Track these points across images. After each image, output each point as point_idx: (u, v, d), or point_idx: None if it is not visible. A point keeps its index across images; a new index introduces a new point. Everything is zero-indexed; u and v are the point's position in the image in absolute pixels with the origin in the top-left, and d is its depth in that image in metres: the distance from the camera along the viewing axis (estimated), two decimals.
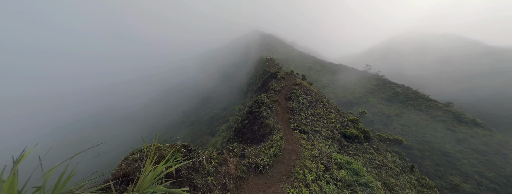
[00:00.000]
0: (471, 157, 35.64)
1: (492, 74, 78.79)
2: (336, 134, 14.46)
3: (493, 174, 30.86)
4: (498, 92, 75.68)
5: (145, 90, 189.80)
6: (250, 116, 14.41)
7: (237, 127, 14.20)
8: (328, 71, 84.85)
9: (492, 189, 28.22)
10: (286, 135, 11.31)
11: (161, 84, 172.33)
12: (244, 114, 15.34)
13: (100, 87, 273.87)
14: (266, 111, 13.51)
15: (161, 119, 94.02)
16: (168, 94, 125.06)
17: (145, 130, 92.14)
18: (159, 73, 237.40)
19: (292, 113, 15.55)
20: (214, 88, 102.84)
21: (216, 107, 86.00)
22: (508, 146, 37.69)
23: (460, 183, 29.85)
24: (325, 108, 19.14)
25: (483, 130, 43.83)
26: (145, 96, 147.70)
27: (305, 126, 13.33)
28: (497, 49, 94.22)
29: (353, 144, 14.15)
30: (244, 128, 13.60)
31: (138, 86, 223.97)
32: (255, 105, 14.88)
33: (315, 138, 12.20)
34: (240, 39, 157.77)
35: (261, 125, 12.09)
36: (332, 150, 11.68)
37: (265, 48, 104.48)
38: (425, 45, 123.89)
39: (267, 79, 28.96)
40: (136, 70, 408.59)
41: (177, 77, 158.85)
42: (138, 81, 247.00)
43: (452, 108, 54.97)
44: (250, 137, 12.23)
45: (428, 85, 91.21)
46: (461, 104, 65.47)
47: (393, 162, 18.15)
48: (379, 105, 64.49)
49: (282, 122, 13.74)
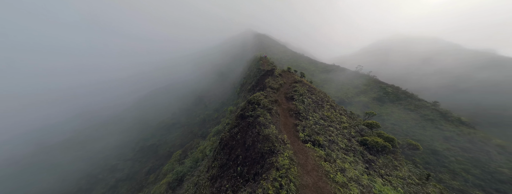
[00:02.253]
0: (458, 154, 34.99)
1: (471, 75, 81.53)
2: (355, 144, 10.65)
3: (479, 170, 30.56)
4: (478, 92, 77.41)
5: (131, 89, 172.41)
6: (241, 122, 10.08)
7: (223, 138, 9.85)
8: (321, 71, 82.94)
9: (478, 186, 28.17)
10: (296, 153, 7.19)
11: (149, 83, 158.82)
12: (234, 119, 10.99)
13: (80, 86, 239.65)
14: (264, 115, 9.29)
15: (148, 121, 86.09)
16: (157, 95, 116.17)
17: (131, 133, 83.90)
18: (146, 71, 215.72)
19: (298, 116, 11.54)
20: (207, 88, 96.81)
21: (208, 108, 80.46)
22: (491, 143, 37.56)
23: (449, 180, 29.25)
24: (333, 109, 15.35)
25: (468, 128, 43.51)
26: (131, 96, 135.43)
27: (317, 135, 9.35)
28: (475, 52, 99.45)
29: (378, 157, 10.44)
30: (233, 139, 9.26)
31: (123, 85, 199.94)
32: (249, 106, 10.60)
33: (334, 153, 8.24)
34: (234, 38, 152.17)
35: (258, 136, 7.84)
36: (360, 171, 7.81)
37: (259, 47, 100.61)
38: (411, 47, 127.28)
39: (263, 77, 24.78)
40: (121, 68, 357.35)
41: (166, 76, 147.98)
42: (124, 80, 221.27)
43: (439, 107, 54.69)
44: (241, 155, 7.94)
45: (415, 85, 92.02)
46: (447, 103, 65.55)
47: (409, 172, 14.79)
48: (371, 105, 63.22)
49: (286, 130, 9.69)
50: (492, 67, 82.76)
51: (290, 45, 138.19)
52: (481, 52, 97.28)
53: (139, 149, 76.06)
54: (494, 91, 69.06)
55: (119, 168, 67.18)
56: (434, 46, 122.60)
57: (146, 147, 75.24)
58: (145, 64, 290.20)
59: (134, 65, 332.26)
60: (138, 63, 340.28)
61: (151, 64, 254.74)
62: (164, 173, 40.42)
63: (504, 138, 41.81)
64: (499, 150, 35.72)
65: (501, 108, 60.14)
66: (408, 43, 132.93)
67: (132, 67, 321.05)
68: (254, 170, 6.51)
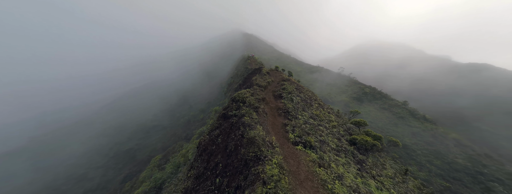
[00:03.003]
0: (423, 148, 39.03)
1: (433, 78, 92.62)
2: (345, 144, 10.08)
3: (440, 161, 34.50)
4: (438, 92, 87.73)
5: (103, 87, 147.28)
6: (224, 122, 8.58)
7: (202, 142, 8.21)
8: (307, 72, 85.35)
9: (439, 175, 31.81)
10: (287, 158, 6.05)
11: (125, 81, 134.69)
12: (216, 120, 9.43)
13: (30, 81, 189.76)
14: (249, 115, 7.97)
15: (125, 124, 77.44)
16: (134, 94, 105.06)
17: (104, 137, 74.46)
18: (121, 68, 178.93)
19: (287, 115, 10.53)
20: (192, 87, 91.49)
21: (194, 108, 76.03)
22: (449, 137, 42.90)
23: (416, 172, 32.26)
24: (321, 108, 14.85)
25: (431, 125, 49.00)
26: (102, 96, 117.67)
27: (308, 135, 8.43)
28: (435, 57, 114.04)
29: (367, 156, 10.05)
30: (213, 143, 7.72)
31: (92, 83, 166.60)
32: (233, 105, 9.16)
33: (326, 155, 7.36)
34: (222, 36, 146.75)
35: (242, 139, 6.49)
36: (353, 173, 7.09)
37: (247, 47, 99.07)
38: (384, 52, 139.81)
39: (250, 75, 23.49)
40: (90, 62, 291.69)
41: (146, 73, 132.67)
42: (94, 77, 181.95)
43: (408, 106, 60.46)
44: (222, 162, 6.48)
45: (388, 86, 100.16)
46: (414, 103, 72.70)
47: (391, 167, 15.10)
48: (351, 104, 66.94)
49: (274, 131, 8.56)
50: (449, 71, 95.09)
51: (278, 46, 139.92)
52: (439, 58, 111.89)
53: (114, 155, 67.91)
54: (450, 92, 79.04)
55: (89, 177, 58.81)
56: (404, 52, 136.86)
57: (122, 153, 67.53)
58: (121, 59, 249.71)
59: (107, 59, 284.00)
60: (112, 57, 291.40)
61: (127, 60, 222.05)
62: (142, 181, 36.19)
63: (459, 133, 47.85)
64: (455, 143, 40.49)
65: (453, 106, 68.86)
66: (382, 48, 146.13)
67: (106, 61, 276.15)
68: (236, 182, 5.15)
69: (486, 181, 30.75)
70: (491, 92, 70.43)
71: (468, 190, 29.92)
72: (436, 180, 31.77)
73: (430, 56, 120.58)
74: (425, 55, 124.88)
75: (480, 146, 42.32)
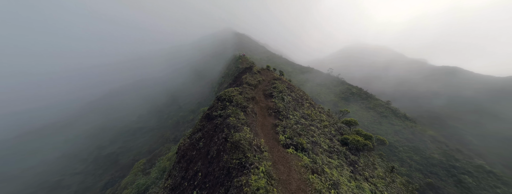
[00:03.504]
0: (404, 145, 41.42)
1: (412, 79, 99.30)
2: (336, 144, 9.63)
3: (418, 157, 36.88)
4: (418, 94, 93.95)
5: (79, 86, 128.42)
6: (207, 124, 7.55)
7: (181, 147, 7.08)
8: (298, 73, 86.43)
9: (418, 169, 34.03)
10: (276, 164, 5.26)
11: (106, 79, 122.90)
12: (199, 121, 8.34)
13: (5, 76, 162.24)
14: (236, 115, 7.05)
15: (107, 126, 71.49)
16: (118, 94, 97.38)
17: (82, 141, 68.07)
18: (104, 64, 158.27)
19: (277, 115, 9.80)
20: (182, 87, 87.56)
21: (183, 109, 72.76)
22: (426, 134, 46.09)
23: (398, 167, 34.14)
24: (312, 107, 14.42)
25: (411, 123, 52.24)
26: (78, 95, 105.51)
27: (300, 137, 7.77)
28: (414, 61, 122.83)
29: (359, 156, 9.70)
30: (194, 148, 6.65)
31: (68, 81, 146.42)
32: (218, 104, 8.16)
33: (319, 158, 6.74)
34: (213, 35, 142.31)
35: (225, 144, 5.55)
36: (346, 177, 6.56)
37: (239, 46, 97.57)
38: (369, 55, 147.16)
39: (240, 74, 22.53)
40: (63, 56, 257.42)
41: (131, 71, 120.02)
42: (72, 73, 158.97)
43: (390, 105, 63.90)
44: (202, 171, 5.48)
45: (373, 87, 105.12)
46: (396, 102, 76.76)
47: (379, 165, 15.21)
48: (339, 104, 68.98)
49: (263, 132, 7.76)
50: (426, 74, 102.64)
51: (269, 47, 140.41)
52: (417, 61, 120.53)
53: (93, 159, 62.40)
54: (427, 93, 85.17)
55: (64, 185, 53.20)
56: (387, 55, 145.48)
57: (103, 157, 62.29)
58: (103, 54, 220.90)
59: (87, 53, 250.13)
60: (93, 51, 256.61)
61: (110, 55, 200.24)
62: (124, 187, 33.26)
63: (434, 130, 51.50)
64: (431, 139, 43.35)
65: (429, 106, 74.16)
66: (368, 51, 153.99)
67: (85, 55, 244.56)
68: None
69: (458, 174, 33.18)
70: (461, 93, 77.18)
71: (443, 183, 32.09)
72: (416, 174, 33.79)
73: (410, 59, 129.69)
74: (405, 58, 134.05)
75: (453, 142, 45.76)
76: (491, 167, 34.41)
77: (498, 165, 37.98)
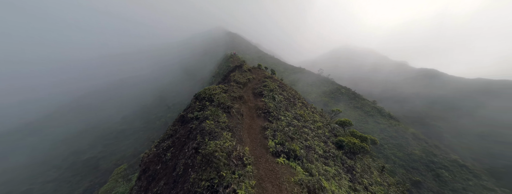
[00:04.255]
0: (389, 142, 43.12)
1: (395, 80, 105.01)
2: (331, 147, 8.62)
3: (402, 153, 38.56)
4: (400, 94, 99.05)
5: (50, 83, 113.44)
6: (181, 129, 5.97)
7: (144, 158, 5.44)
8: (290, 73, 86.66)
9: (402, 166, 35.59)
10: (263, 180, 3.92)
11: (85, 76, 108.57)
12: (171, 125, 6.71)
13: None
14: (215, 117, 5.57)
15: (85, 128, 65.04)
16: (98, 93, 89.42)
17: (57, 145, 61.20)
18: (80, 59, 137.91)
19: (267, 116, 8.52)
20: (170, 87, 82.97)
21: (172, 109, 68.85)
22: (408, 132, 48.52)
23: (384, 164, 35.45)
24: (305, 107, 13.41)
25: (395, 121, 54.70)
26: (51, 91, 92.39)
27: (292, 141, 6.57)
28: (396, 63, 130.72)
29: (355, 159, 8.80)
30: (160, 161, 5.04)
31: (40, 75, 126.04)
32: (196, 104, 6.60)
33: (314, 166, 5.57)
34: (204, 34, 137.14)
35: (195, 157, 4.08)
36: (345, 187, 5.51)
37: (231, 46, 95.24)
38: (356, 57, 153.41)
39: (230, 72, 20.95)
40: (30, 49, 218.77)
41: (114, 68, 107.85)
42: (40, 67, 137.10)
43: (376, 105, 66.51)
44: (164, 193, 3.95)
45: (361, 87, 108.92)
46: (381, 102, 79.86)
47: (369, 165, 14.73)
48: (329, 104, 70.27)
49: (250, 138, 6.43)
50: (407, 75, 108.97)
51: (262, 47, 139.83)
52: (400, 63, 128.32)
53: (69, 165, 56.47)
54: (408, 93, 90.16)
55: None
56: (373, 57, 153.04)
57: (81, 162, 56.66)
58: (81, 46, 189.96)
59: (57, 44, 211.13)
60: (68, 42, 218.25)
61: (91, 48, 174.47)
62: None
63: (415, 128, 54.36)
64: (413, 136, 45.50)
65: (410, 105, 78.46)
66: (356, 53, 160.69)
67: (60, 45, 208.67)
68: None
69: (436, 168, 34.95)
70: (437, 93, 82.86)
71: (423, 177, 33.56)
72: (399, 170, 35.04)
73: (393, 61, 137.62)
74: (389, 61, 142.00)
75: (431, 139, 48.42)
76: (464, 161, 36.80)
77: (469, 159, 40.83)
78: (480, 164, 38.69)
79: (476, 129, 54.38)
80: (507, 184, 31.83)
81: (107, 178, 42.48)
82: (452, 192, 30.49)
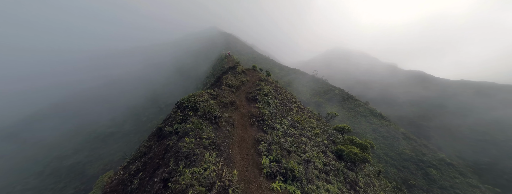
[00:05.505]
0: (381, 142, 43.78)
1: (386, 81, 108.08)
2: (332, 159, 7.75)
3: (393, 153, 39.15)
4: (391, 95, 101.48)
5: (38, 85, 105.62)
6: (155, 146, 4.79)
7: (108, 184, 4.19)
8: (284, 74, 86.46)
9: (393, 165, 36.11)
10: None
11: (71, 80, 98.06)
12: (145, 140, 5.48)
13: None
14: (196, 132, 4.43)
15: (70, 131, 60.65)
16: (85, 95, 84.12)
17: (37, 151, 56.60)
18: (68, 61, 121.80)
19: (261, 125, 7.50)
20: (162, 88, 79.84)
21: (164, 111, 66.16)
22: (398, 132, 49.62)
23: (376, 163, 35.67)
24: (301, 111, 12.52)
25: (386, 121, 55.82)
26: (32, 96, 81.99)
27: (289, 155, 5.58)
28: (386, 65, 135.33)
29: (356, 171, 8.00)
30: (125, 190, 3.89)
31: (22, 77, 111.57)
32: (177, 115, 5.43)
33: (314, 187, 4.65)
34: (198, 34, 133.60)
35: (164, 193, 2.96)
36: None
37: (226, 46, 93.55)
38: (348, 58, 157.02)
39: (223, 74, 19.76)
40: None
41: (102, 67, 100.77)
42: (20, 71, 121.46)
43: (369, 106, 67.67)
44: None
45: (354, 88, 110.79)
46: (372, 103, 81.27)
47: (375, 179, 14.20)
48: (324, 105, 70.64)
49: (241, 153, 5.35)
50: (396, 77, 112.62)
51: (257, 48, 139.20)
52: (389, 65, 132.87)
53: (52, 171, 52.45)
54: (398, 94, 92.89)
55: None
56: (364, 59, 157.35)
57: (65, 168, 52.81)
58: (70, 49, 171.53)
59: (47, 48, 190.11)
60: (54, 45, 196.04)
61: (77, 51, 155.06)
62: None
63: (404, 127, 55.72)
64: (403, 136, 46.49)
65: (400, 105, 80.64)
66: (347, 55, 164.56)
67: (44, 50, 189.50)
68: None
69: (425, 167, 35.65)
70: (424, 94, 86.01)
71: (414, 176, 34.08)
72: (391, 169, 35.42)
73: (383, 63, 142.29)
74: (379, 63, 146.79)
75: (420, 138, 49.68)
76: (450, 159, 37.86)
77: (454, 157, 42.19)
78: (464, 162, 40.08)
79: (460, 128, 56.65)
80: (489, 180, 33.07)
81: (93, 184, 39.58)
82: (441, 190, 31.06)
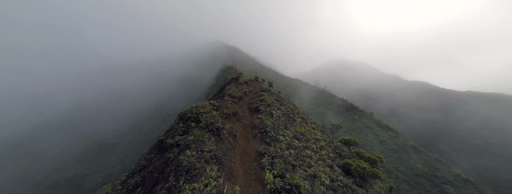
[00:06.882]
0: (390, 155, 40.96)
1: (390, 92, 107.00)
2: (339, 173, 7.22)
3: (404, 168, 36.13)
4: (395, 105, 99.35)
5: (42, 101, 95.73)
6: (156, 159, 4.65)
7: None
8: (286, 85, 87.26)
9: (405, 181, 32.92)
10: None
11: (75, 93, 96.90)
12: (146, 153, 5.36)
13: None
14: (198, 144, 4.33)
15: (71, 143, 60.14)
16: (88, 107, 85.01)
17: (37, 162, 55.56)
18: (68, 72, 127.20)
19: (264, 137, 7.28)
20: (166, 98, 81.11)
21: (167, 122, 66.01)
22: (408, 145, 46.81)
23: (387, 178, 32.56)
24: (305, 123, 12.21)
25: (393, 133, 53.23)
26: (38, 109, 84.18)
27: (294, 169, 5.23)
28: (389, 76, 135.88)
29: (366, 188, 7.36)
30: None
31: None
32: (179, 126, 5.39)
33: None
34: (203, 47, 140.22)
35: None
36: None
37: (228, 59, 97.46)
38: (350, 69, 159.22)
39: (226, 85, 20.14)
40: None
41: (105, 81, 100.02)
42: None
43: (374, 117, 65.65)
44: None
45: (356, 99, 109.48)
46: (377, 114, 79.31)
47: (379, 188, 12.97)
48: (327, 115, 69.11)
49: (243, 167, 5.05)
50: (401, 87, 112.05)
51: (259, 59, 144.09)
52: (392, 76, 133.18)
53: (50, 184, 50.82)
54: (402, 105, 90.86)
55: None
56: (366, 70, 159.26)
57: (64, 180, 51.18)
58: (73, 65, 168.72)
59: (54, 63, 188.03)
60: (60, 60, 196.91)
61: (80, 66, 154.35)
62: None
63: (413, 140, 52.86)
64: (413, 149, 43.71)
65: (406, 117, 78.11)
66: (349, 66, 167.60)
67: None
68: None
69: (440, 184, 32.45)
70: (430, 105, 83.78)
71: None
72: (403, 186, 32.36)
73: (385, 74, 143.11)
74: (380, 73, 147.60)
75: (431, 151, 46.58)
76: (467, 175, 34.62)
77: (470, 173, 38.64)
78: (482, 178, 36.51)
79: (474, 141, 53.23)
80: None
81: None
82: None
